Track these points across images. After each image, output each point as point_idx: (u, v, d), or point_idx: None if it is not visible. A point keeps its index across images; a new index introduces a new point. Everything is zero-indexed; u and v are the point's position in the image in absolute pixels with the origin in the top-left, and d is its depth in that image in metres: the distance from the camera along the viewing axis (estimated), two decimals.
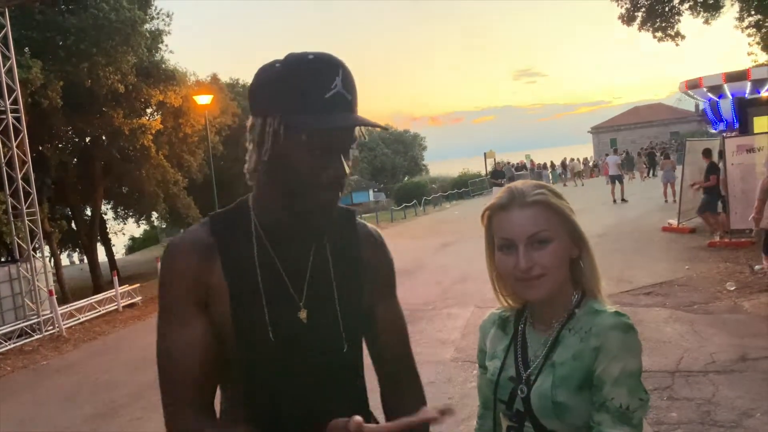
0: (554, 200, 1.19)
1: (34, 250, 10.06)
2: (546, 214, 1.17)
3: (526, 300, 1.24)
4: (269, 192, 1.13)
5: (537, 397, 1.15)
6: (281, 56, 1.08)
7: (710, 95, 21.94)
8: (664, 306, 6.82)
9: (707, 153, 11.28)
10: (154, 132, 15.91)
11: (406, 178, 47.07)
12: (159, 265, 1.19)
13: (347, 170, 1.10)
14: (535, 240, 1.15)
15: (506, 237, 1.17)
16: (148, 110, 17.25)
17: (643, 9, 12.27)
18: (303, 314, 1.14)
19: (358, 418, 0.97)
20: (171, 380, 1.11)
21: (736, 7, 13.65)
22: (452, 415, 1.06)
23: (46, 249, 14.98)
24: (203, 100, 15.69)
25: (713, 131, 24.56)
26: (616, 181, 18.79)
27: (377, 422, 1.23)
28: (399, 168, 50.72)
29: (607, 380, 1.09)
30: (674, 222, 12.03)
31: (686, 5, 12.30)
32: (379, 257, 1.27)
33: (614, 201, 18.34)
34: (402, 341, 1.33)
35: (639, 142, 48.81)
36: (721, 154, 10.45)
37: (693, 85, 21.55)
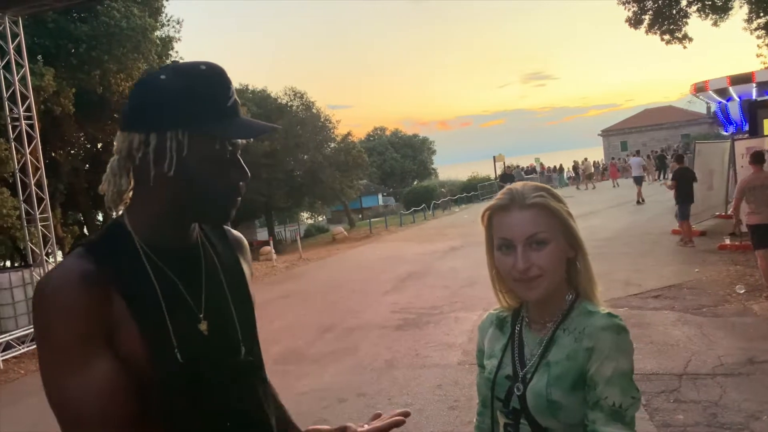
0: (553, 203, 1.22)
1: (47, 255, 10.18)
2: (544, 216, 1.20)
3: (524, 299, 1.28)
4: (164, 207, 1.10)
5: (532, 395, 1.19)
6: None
7: (718, 98, 21.83)
8: (672, 309, 6.80)
9: (679, 159, 11.83)
10: None
11: (415, 182, 47.06)
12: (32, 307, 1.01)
13: (249, 174, 1.13)
14: (533, 241, 1.19)
15: (505, 237, 1.21)
16: None
17: (650, 12, 12.23)
18: (203, 326, 1.13)
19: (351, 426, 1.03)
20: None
21: (745, 8, 13.60)
22: (409, 415, 1.20)
23: (59, 254, 15.16)
24: None
25: (725, 133, 24.42)
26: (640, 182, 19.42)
27: (288, 416, 1.33)
28: (408, 172, 50.71)
29: (600, 380, 1.12)
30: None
31: (694, 7, 12.25)
32: (249, 262, 1.32)
33: (638, 202, 18.73)
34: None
35: (650, 145, 48.56)
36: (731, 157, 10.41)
37: (700, 88, 21.47)
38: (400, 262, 13.32)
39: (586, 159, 36.69)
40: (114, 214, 1.16)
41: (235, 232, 1.33)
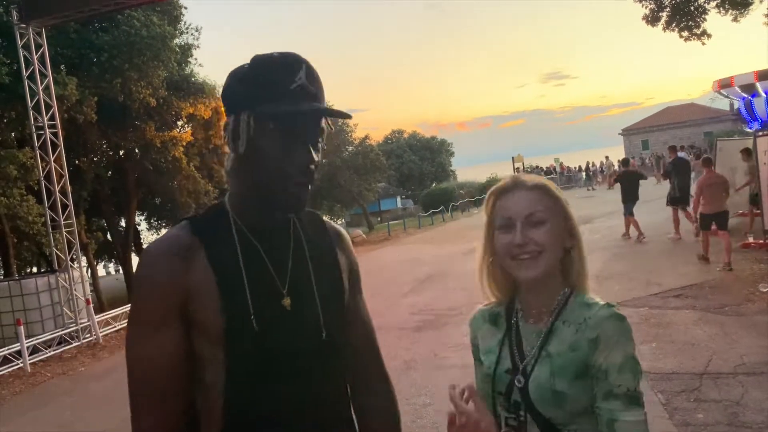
0: (554, 189, 1.29)
1: (72, 260, 10.39)
2: (545, 198, 1.26)
3: (519, 281, 1.28)
4: (245, 188, 1.18)
5: (535, 386, 1.21)
6: (307, 58, 1.15)
7: (743, 94, 21.41)
8: (693, 308, 6.72)
9: (625, 163, 13.48)
10: (184, 144, 16.31)
11: (433, 185, 46.95)
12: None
13: (316, 160, 1.14)
14: (533, 219, 1.23)
15: (506, 216, 1.26)
16: (179, 123, 17.67)
17: (668, 9, 12.09)
18: (287, 302, 1.18)
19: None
20: (138, 388, 1.14)
21: (766, 3, 13.39)
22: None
23: (83, 260, 15.45)
24: None
25: (748, 130, 23.98)
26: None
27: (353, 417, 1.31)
28: (426, 174, 50.61)
29: (612, 368, 1.15)
30: None
31: (713, 3, 12.08)
32: (348, 254, 1.35)
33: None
34: (369, 336, 1.38)
35: (672, 143, 47.81)
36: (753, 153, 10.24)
37: (725, 84, 21.04)
38: (419, 264, 13.33)
39: (607, 158, 36.32)
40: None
41: (336, 225, 1.37)
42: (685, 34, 12.37)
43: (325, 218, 1.37)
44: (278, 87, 1.10)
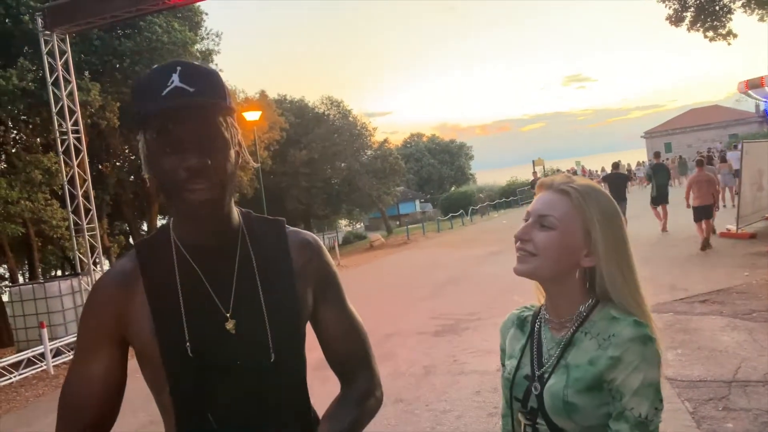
0: (583, 200, 1.20)
1: (95, 264, 10.52)
2: (564, 205, 1.20)
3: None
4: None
5: (549, 395, 1.18)
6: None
7: (763, 96, 21.05)
8: (720, 314, 6.56)
9: (615, 166, 15.04)
10: None
11: (452, 188, 46.83)
12: None
13: (206, 161, 1.05)
14: (543, 221, 1.20)
15: (528, 210, 1.25)
16: None
17: (692, 9, 11.89)
18: (230, 325, 1.12)
19: None
20: (63, 416, 1.16)
21: None
22: None
23: (106, 263, 15.64)
24: (252, 116, 16.11)
25: None
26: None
27: None
28: (446, 178, 50.53)
29: (627, 391, 1.11)
30: (733, 227, 11.57)
31: (738, 3, 11.86)
32: (314, 263, 1.24)
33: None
34: (353, 339, 1.29)
35: (696, 146, 47.15)
36: None
37: (754, 84, 20.70)
38: (438, 268, 13.26)
39: (619, 161, 35.90)
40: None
41: (305, 234, 1.28)
42: (710, 34, 12.15)
43: (292, 227, 1.28)
44: (152, 95, 1.05)
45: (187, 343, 1.09)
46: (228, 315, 1.13)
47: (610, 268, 1.20)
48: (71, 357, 7.89)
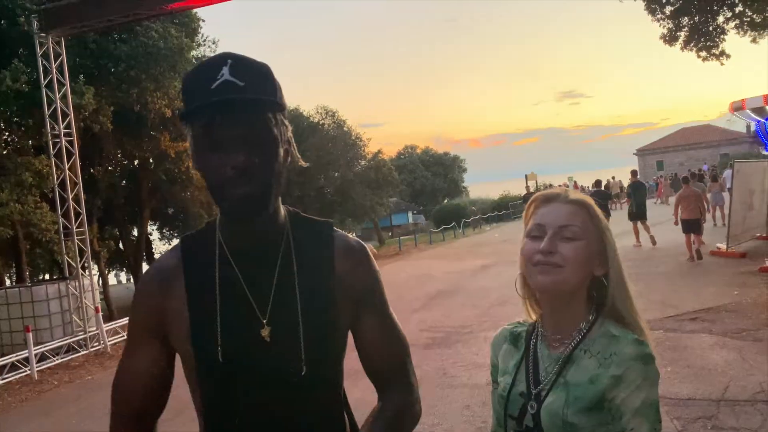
0: (596, 210, 1.21)
1: (83, 268, 10.42)
2: (583, 215, 1.19)
3: (535, 289, 1.23)
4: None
5: (547, 414, 1.15)
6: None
7: (756, 116, 21.34)
8: (710, 332, 6.57)
9: (597, 184, 16.33)
10: None
11: (445, 201, 46.89)
12: None
13: (253, 159, 1.01)
14: (565, 232, 1.17)
15: (539, 223, 1.19)
16: None
17: (686, 28, 12.02)
18: (266, 332, 1.08)
19: None
20: (115, 403, 1.18)
21: None
22: None
23: (95, 268, 15.50)
24: None
25: (765, 153, 23.77)
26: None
27: None
28: (439, 190, 50.57)
29: (628, 410, 1.10)
30: (723, 246, 11.62)
31: (732, 24, 12.00)
32: (359, 270, 1.19)
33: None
34: (394, 354, 1.24)
35: (687, 164, 47.51)
36: None
37: (737, 107, 21.06)
38: (430, 280, 13.23)
39: (613, 177, 36.09)
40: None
41: (352, 239, 1.22)
42: (704, 54, 12.28)
43: (341, 231, 1.24)
44: (200, 88, 1.02)
45: (219, 347, 1.07)
46: (264, 322, 1.09)
47: (619, 277, 1.21)
48: (55, 362, 7.73)
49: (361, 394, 1.28)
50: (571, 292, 1.19)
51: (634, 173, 15.51)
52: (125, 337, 1.22)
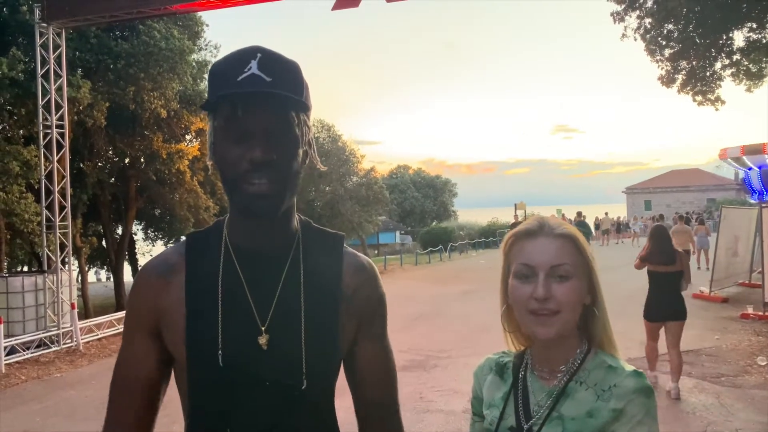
0: (582, 241, 1.16)
1: (63, 262, 10.24)
2: (572, 249, 1.14)
3: (534, 337, 1.17)
4: (229, 202, 1.08)
5: None
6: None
7: (737, 166, 21.81)
8: (689, 375, 6.55)
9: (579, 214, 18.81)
10: (190, 158, 16.29)
11: (434, 223, 46.97)
12: None
13: (272, 156, 0.99)
14: (557, 272, 1.11)
15: (527, 263, 1.12)
16: (187, 136, 17.71)
17: (684, 72, 12.21)
18: (263, 340, 1.04)
19: None
20: (111, 397, 1.15)
21: None
22: None
23: (75, 263, 15.27)
24: None
25: (752, 201, 24.15)
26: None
27: None
28: (428, 212, 50.70)
29: None
30: (706, 290, 11.69)
31: (728, 71, 12.21)
32: (366, 291, 1.15)
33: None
34: (386, 385, 1.20)
35: (674, 206, 48.05)
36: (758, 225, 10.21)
37: (720, 155, 21.60)
38: (412, 301, 13.15)
39: (606, 213, 36.38)
40: None
41: (362, 257, 1.19)
42: (699, 98, 12.46)
43: (350, 248, 1.20)
44: (227, 79, 1.00)
45: (220, 352, 1.02)
46: (263, 329, 1.05)
47: (603, 307, 1.18)
48: (25, 356, 7.57)
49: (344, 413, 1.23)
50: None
51: (579, 214, 15.69)
52: (99, 336, 1.19)
